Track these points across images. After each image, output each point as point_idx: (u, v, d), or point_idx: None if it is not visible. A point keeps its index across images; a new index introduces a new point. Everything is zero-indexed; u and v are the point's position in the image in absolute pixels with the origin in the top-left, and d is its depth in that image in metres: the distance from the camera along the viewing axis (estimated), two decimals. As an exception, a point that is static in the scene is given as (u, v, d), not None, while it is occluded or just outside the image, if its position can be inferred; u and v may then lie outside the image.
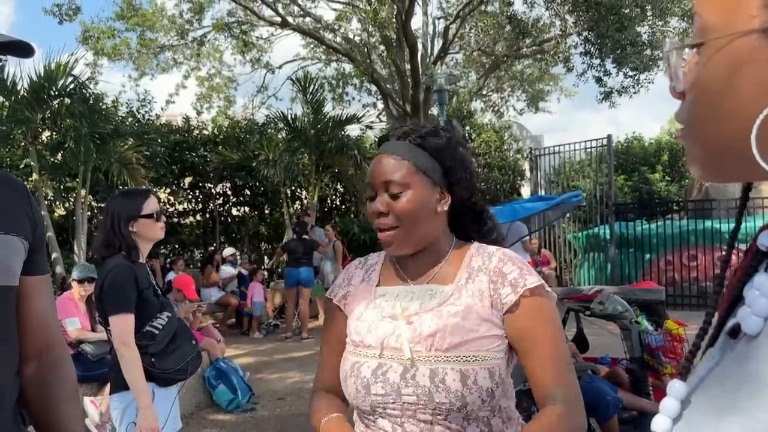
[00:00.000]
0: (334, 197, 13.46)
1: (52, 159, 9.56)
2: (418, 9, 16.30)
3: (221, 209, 13.03)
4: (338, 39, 17.19)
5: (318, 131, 11.39)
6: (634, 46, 13.34)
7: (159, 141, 11.11)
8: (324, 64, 18.77)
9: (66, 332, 4.93)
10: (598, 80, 14.37)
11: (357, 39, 17.38)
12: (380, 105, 18.16)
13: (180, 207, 12.82)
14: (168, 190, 12.30)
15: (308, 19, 16.81)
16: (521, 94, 20.67)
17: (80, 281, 5.27)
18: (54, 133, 8.99)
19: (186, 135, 12.41)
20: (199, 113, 17.08)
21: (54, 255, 8.10)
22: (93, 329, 5.19)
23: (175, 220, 12.61)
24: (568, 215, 12.96)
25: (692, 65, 0.56)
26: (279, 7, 15.68)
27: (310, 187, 11.71)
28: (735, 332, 0.57)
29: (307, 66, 18.34)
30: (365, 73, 16.05)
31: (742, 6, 0.51)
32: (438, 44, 17.01)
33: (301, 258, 8.91)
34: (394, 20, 14.65)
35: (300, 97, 12.28)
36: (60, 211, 11.18)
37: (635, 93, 14.37)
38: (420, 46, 16.48)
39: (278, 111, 12.18)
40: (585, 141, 12.22)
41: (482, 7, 15.83)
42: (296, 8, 16.41)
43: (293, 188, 12.66)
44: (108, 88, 21.79)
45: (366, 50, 16.73)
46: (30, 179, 8.67)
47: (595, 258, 12.01)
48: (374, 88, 17.51)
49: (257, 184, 12.49)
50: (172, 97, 15.81)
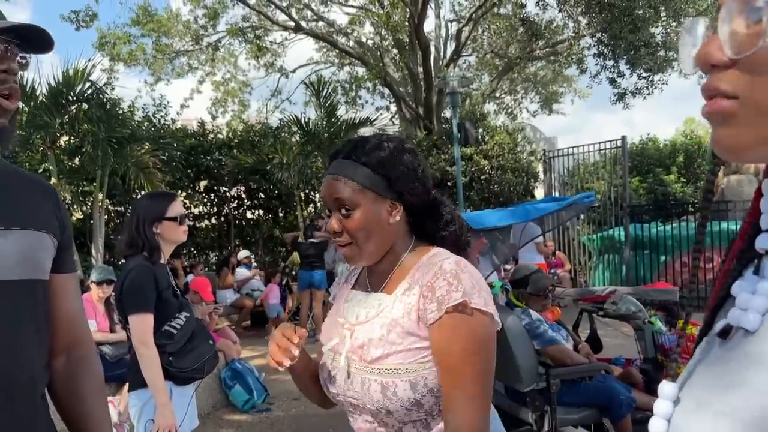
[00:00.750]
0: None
1: (70, 163, 9.70)
2: (431, 12, 16.36)
3: (236, 212, 13.13)
4: (351, 43, 17.29)
5: (331, 134, 11.45)
6: (648, 47, 13.29)
7: (175, 145, 11.22)
8: (337, 68, 18.88)
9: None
10: (612, 82, 14.33)
11: (370, 42, 17.47)
12: (393, 108, 18.22)
13: (195, 210, 12.95)
14: (184, 194, 12.43)
15: (321, 24, 16.93)
16: (534, 96, 20.68)
17: (99, 283, 5.35)
18: (72, 138, 9.13)
19: (201, 139, 12.53)
20: (214, 117, 17.25)
21: (73, 253, 8.23)
22: (112, 330, 5.28)
23: (191, 224, 12.73)
24: (583, 217, 12.92)
25: (761, 31, 0.53)
26: (293, 12, 15.81)
27: (324, 190, 11.77)
28: (726, 332, 0.61)
29: (321, 70, 18.47)
30: (378, 77, 16.11)
31: None
32: (451, 47, 17.06)
33: (314, 261, 8.96)
34: (407, 23, 14.70)
35: (313, 101, 12.36)
36: (77, 215, 11.33)
37: (649, 94, 14.32)
38: (432, 49, 16.52)
39: (292, 115, 12.26)
40: (599, 143, 12.14)
41: (495, 10, 15.85)
42: (309, 13, 16.53)
43: (307, 191, 12.74)
44: (124, 93, 22.10)
45: (379, 54, 16.81)
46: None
47: (610, 260, 11.96)
48: (387, 92, 17.58)
49: (271, 188, 12.57)
50: (187, 102, 15.99)
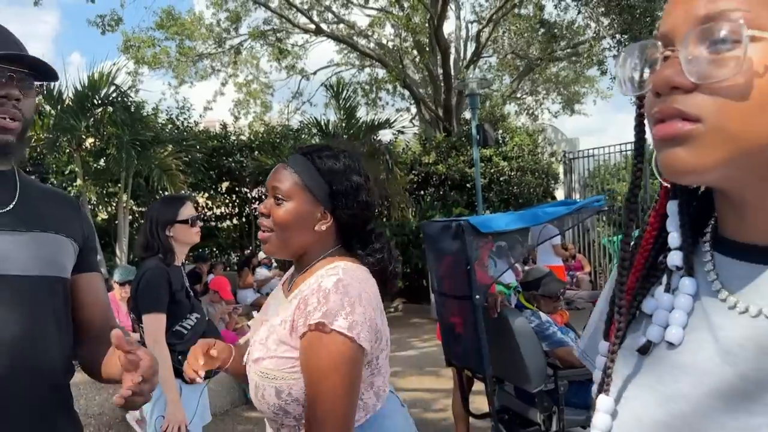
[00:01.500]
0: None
1: (96, 165, 9.92)
2: (451, 13, 16.38)
3: (257, 213, 13.29)
4: (371, 45, 17.37)
5: (350, 136, 11.54)
6: (669, 48, 13.14)
7: (197, 147, 11.41)
8: (357, 70, 18.98)
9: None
10: (633, 82, 14.18)
11: (390, 44, 17.54)
12: (413, 109, 18.27)
13: (217, 211, 13.13)
14: (206, 195, 12.61)
15: (342, 26, 17.04)
16: (556, 97, 20.55)
17: (121, 284, 5.48)
18: (97, 141, 9.34)
19: (223, 141, 12.71)
20: (237, 118, 17.46)
21: (98, 257, 8.42)
22: (134, 330, 5.41)
23: (213, 224, 12.91)
24: (604, 218, 12.83)
25: (730, 59, 0.55)
26: (313, 15, 15.95)
27: (343, 191, 11.87)
28: (646, 349, 0.65)
29: (341, 72, 18.59)
30: (398, 79, 16.17)
31: None
32: (471, 48, 17.06)
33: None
34: (427, 25, 14.74)
35: (332, 104, 12.47)
36: (103, 215, 11.57)
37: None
38: (453, 50, 16.53)
39: (312, 117, 12.39)
40: (621, 144, 11.96)
41: (515, 11, 15.82)
42: (330, 15, 16.66)
43: (327, 193, 12.86)
44: (148, 96, 22.48)
45: (399, 55, 16.87)
46: (74, 184, 9.03)
47: (630, 262, 11.87)
48: (407, 93, 17.63)
49: (292, 189, 12.72)
50: (210, 104, 16.18)
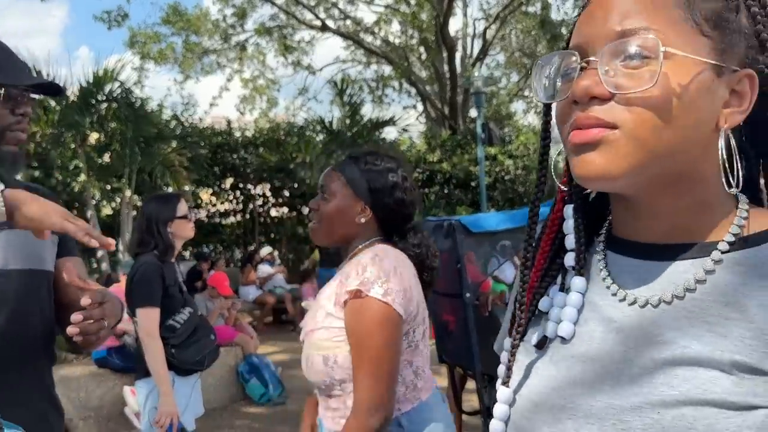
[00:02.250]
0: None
1: (100, 161, 9.99)
2: (458, 11, 16.38)
3: (261, 210, 13.35)
4: (377, 41, 17.38)
5: (354, 134, 11.57)
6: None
7: (201, 144, 11.46)
8: (364, 66, 18.98)
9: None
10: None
11: (396, 41, 17.54)
12: (419, 107, 18.29)
13: (221, 208, 13.19)
14: (210, 191, 12.67)
15: (348, 22, 17.05)
16: (563, 95, 20.47)
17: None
18: (101, 136, 9.41)
19: (227, 137, 12.77)
20: (243, 114, 17.51)
21: (100, 253, 8.50)
22: (133, 323, 5.47)
23: (217, 221, 12.98)
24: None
25: (644, 73, 0.59)
26: (320, 11, 15.97)
27: (347, 189, 11.89)
28: (542, 344, 0.70)
29: (347, 68, 18.60)
30: (404, 76, 16.19)
31: (693, 33, 0.61)
32: (478, 45, 17.07)
33: (335, 259, 9.08)
34: (434, 22, 14.75)
35: (337, 101, 12.50)
36: (107, 211, 11.65)
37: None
38: (460, 48, 16.53)
39: (316, 114, 12.43)
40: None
41: (522, 8, 15.80)
42: (336, 11, 16.68)
43: (330, 190, 12.88)
44: (154, 92, 22.57)
45: (405, 52, 16.87)
46: (78, 180, 9.10)
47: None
48: (413, 90, 17.64)
49: (295, 186, 12.75)
50: (216, 100, 16.22)
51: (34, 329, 1.42)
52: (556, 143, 0.75)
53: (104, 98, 8.74)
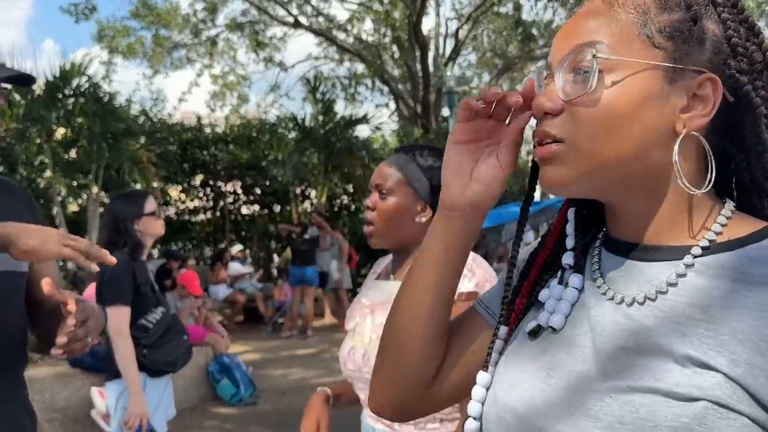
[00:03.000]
0: (343, 197, 13.57)
1: (66, 156, 9.77)
2: (431, 10, 16.40)
3: (231, 207, 13.20)
4: (350, 39, 17.32)
5: (327, 131, 11.52)
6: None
7: (170, 140, 11.28)
8: (336, 64, 18.89)
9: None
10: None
11: (369, 39, 17.49)
12: (392, 105, 18.27)
13: (191, 205, 13.01)
14: (179, 188, 12.49)
15: (321, 19, 16.95)
16: (534, 96, 20.67)
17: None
18: (68, 132, 9.20)
19: (197, 133, 12.59)
20: (213, 110, 17.29)
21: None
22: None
23: (186, 218, 12.80)
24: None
25: (591, 87, 0.64)
26: (292, 7, 15.85)
27: (319, 187, 11.84)
28: (536, 332, 0.74)
29: (320, 65, 18.50)
30: (377, 74, 16.16)
31: (644, 46, 0.65)
32: (450, 45, 17.11)
33: (306, 257, 9.03)
34: (406, 21, 14.75)
35: (310, 98, 12.42)
36: (73, 208, 11.40)
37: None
38: (432, 47, 16.56)
39: (289, 112, 12.34)
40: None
41: (495, 9, 15.88)
42: (309, 8, 16.56)
43: (302, 188, 12.80)
44: (122, 87, 22.18)
45: (378, 51, 16.84)
46: (44, 176, 8.88)
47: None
48: (386, 89, 17.62)
49: (267, 183, 12.64)
50: (185, 95, 15.95)
51: (12, 332, 1.37)
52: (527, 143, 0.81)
53: (71, 93, 8.55)
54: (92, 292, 5.31)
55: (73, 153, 9.58)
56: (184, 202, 12.82)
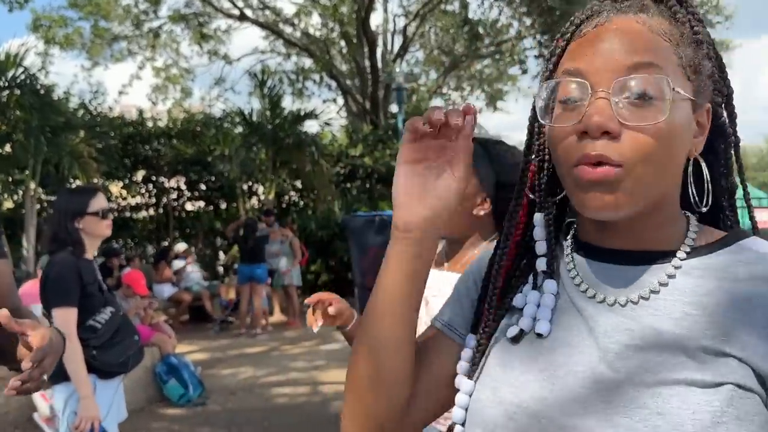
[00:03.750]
0: (292, 194, 13.44)
1: (1, 151, 9.33)
2: (379, 6, 16.41)
3: (175, 204, 12.87)
4: (297, 33, 17.15)
5: (275, 126, 11.37)
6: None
7: (112, 134, 10.93)
8: (283, 58, 18.68)
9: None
10: (552, 82, 14.71)
11: (317, 34, 17.37)
12: (340, 101, 18.21)
13: (132, 201, 12.62)
14: (120, 184, 12.10)
15: (267, 12, 16.73)
16: (480, 94, 20.94)
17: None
18: (3, 125, 8.78)
19: (140, 127, 12.22)
20: (155, 104, 16.84)
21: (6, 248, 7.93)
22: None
23: (128, 215, 12.41)
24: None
25: (652, 109, 0.66)
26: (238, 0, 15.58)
27: (267, 183, 11.68)
28: (518, 338, 0.76)
29: (266, 59, 18.26)
30: (325, 69, 16.06)
31: (684, 77, 0.69)
32: (398, 42, 17.17)
33: (254, 255, 8.90)
34: (354, 16, 14.72)
35: (257, 92, 12.24)
36: (8, 204, 10.91)
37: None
38: (380, 43, 16.58)
39: (235, 106, 12.12)
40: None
41: (442, 7, 16.02)
42: (255, 1, 16.32)
43: (250, 184, 12.60)
44: (60, 79, 21.34)
45: (325, 46, 16.75)
46: (-24, 171, 8.46)
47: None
48: (334, 84, 17.54)
49: (213, 179, 12.39)
50: (126, 88, 15.48)
51: None
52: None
53: (6, 85, 8.15)
54: (26, 291, 5.11)
55: (8, 147, 9.15)
56: (126, 199, 12.43)
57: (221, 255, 13.11)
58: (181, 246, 11.00)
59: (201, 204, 13.15)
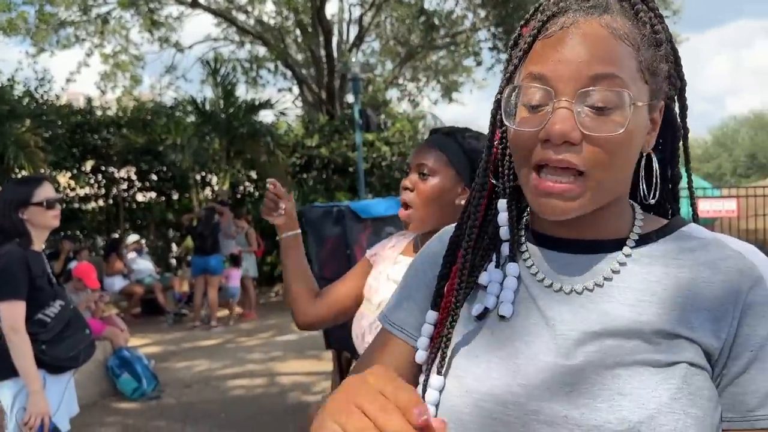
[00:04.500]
0: (247, 184, 13.26)
1: (-61, 140, 8.93)
2: (334, -5, 16.27)
3: (126, 194, 12.56)
4: (251, 21, 16.88)
5: (229, 116, 11.19)
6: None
7: (59, 123, 10.58)
8: (237, 46, 18.36)
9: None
10: (506, 74, 14.86)
11: (271, 22, 17.12)
12: (296, 90, 18.01)
13: (81, 192, 12.25)
14: (69, 174, 11.72)
15: None
16: (436, 85, 21.03)
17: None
18: (-59, 112, 8.41)
19: (88, 116, 11.84)
20: (103, 92, 16.34)
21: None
22: None
23: (76, 206, 12.05)
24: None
25: (613, 119, 0.68)
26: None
27: (221, 173, 11.51)
28: (483, 315, 0.79)
29: (219, 47, 17.91)
30: (279, 57, 15.85)
31: (641, 81, 0.71)
32: (354, 31, 17.07)
33: (208, 246, 8.76)
34: (309, 4, 14.56)
35: (210, 81, 12.01)
36: (-52, 195, 10.45)
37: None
38: (336, 32, 16.45)
39: (187, 94, 11.86)
40: (493, 132, 12.55)
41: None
42: (208, -12, 15.98)
43: (203, 174, 12.38)
44: (3, 66, 20.52)
45: (280, 34, 16.53)
46: None
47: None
48: (289, 73, 17.34)
49: (164, 170, 12.12)
50: (73, 76, 14.96)
51: None
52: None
53: (-57, 69, 7.78)
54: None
55: (-52, 136, 8.77)
56: (74, 190, 12.05)
57: (174, 247, 12.87)
58: (133, 238, 10.76)
59: (152, 195, 12.85)
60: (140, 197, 12.84)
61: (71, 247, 8.99)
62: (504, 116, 0.76)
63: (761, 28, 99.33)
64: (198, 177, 12.02)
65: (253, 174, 12.91)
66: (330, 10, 16.99)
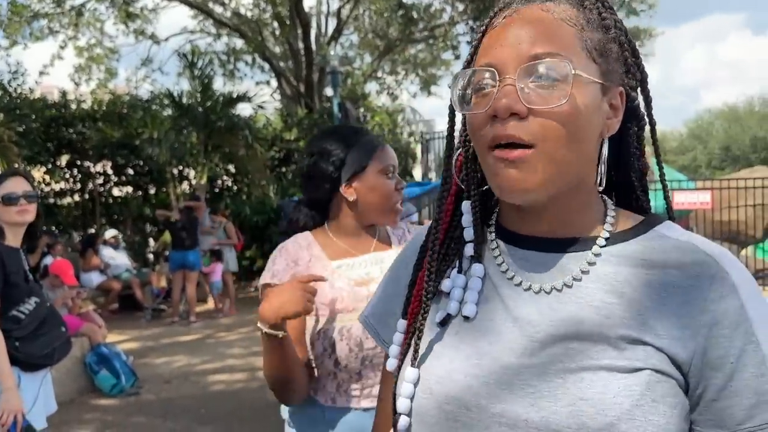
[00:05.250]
0: (225, 178, 13.16)
1: None
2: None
3: (102, 189, 12.40)
4: (228, 13, 16.73)
5: (207, 109, 11.09)
6: (518, 37, 13.92)
7: (33, 117, 10.40)
8: (214, 39, 18.19)
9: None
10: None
11: (249, 14, 16.98)
12: (274, 83, 17.90)
13: (57, 187, 12.07)
14: (43, 169, 11.54)
15: (197, -8, 16.22)
16: (414, 78, 21.04)
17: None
18: None
19: (63, 110, 11.65)
20: (78, 85, 16.09)
21: None
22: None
23: (52, 201, 11.88)
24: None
25: (556, 92, 0.69)
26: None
27: (199, 168, 11.40)
28: (445, 321, 0.79)
29: (196, 40, 17.74)
30: (257, 50, 15.73)
31: (588, 60, 0.72)
32: (332, 24, 16.99)
33: (187, 241, 8.69)
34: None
35: (187, 74, 11.88)
36: None
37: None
38: (314, 25, 16.36)
39: (164, 87, 11.71)
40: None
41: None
42: (184, -21, 15.79)
43: (180, 168, 12.26)
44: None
45: (258, 26, 16.40)
46: None
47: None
48: (267, 66, 17.22)
49: (141, 164, 11.98)
50: (47, 69, 14.70)
51: None
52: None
53: None
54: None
55: None
56: (49, 184, 11.87)
57: (151, 242, 12.74)
58: (110, 233, 10.64)
59: (129, 189, 12.70)
60: (116, 192, 12.69)
61: (46, 241, 8.86)
62: (456, 105, 0.77)
63: (735, 22, 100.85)
64: (175, 171, 11.90)
65: (231, 168, 12.82)
66: (308, 3, 16.93)
